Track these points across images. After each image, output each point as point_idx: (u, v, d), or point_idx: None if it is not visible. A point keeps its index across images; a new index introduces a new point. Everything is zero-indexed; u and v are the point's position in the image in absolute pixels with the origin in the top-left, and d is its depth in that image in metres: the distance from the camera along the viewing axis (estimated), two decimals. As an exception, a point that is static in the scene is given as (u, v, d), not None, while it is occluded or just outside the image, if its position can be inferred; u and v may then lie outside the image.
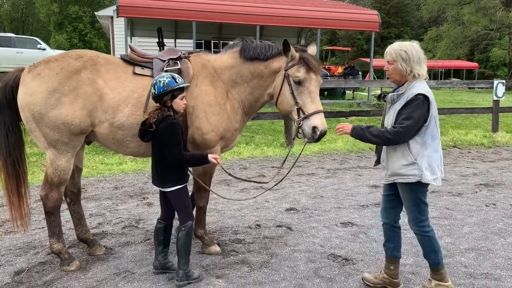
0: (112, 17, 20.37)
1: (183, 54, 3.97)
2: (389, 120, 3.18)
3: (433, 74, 44.39)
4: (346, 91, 19.95)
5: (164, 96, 3.34)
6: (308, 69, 3.53)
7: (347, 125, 3.24)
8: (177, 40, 19.37)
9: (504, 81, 11.39)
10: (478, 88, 30.23)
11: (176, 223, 3.64)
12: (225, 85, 3.85)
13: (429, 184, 3.14)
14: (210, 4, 14.08)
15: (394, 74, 3.16)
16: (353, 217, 5.09)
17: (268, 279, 3.58)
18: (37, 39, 19.32)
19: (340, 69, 25.16)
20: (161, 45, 15.08)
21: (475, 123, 13.06)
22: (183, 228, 3.46)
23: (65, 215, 5.12)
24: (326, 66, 26.37)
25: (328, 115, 11.07)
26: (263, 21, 14.54)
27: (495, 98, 11.19)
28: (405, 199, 3.23)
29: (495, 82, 11.23)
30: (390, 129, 3.05)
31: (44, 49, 18.01)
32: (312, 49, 3.74)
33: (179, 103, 3.41)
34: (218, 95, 3.79)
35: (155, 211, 5.25)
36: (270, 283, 3.51)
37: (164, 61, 3.85)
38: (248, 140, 9.78)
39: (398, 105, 3.10)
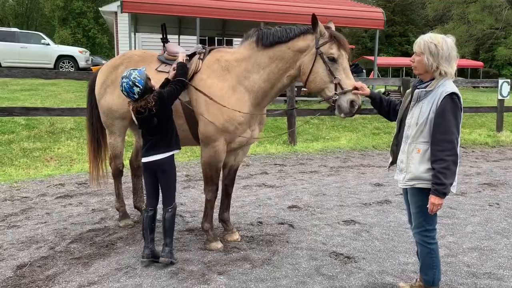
0: (116, 13, 20.33)
1: (203, 50, 4.10)
2: (413, 119, 2.92)
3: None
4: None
5: (148, 84, 3.57)
6: (340, 45, 3.57)
7: (435, 201, 2.82)
8: (181, 37, 19.34)
9: (509, 80, 11.33)
10: (483, 87, 30.09)
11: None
12: (237, 78, 3.85)
13: None
14: (214, 1, 14.04)
15: (419, 68, 2.93)
16: (356, 215, 5.08)
17: (269, 276, 3.57)
18: (41, 34, 19.35)
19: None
20: (164, 41, 15.06)
21: (480, 123, 13.00)
22: (170, 210, 3.74)
23: (68, 210, 5.14)
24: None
25: (332, 112, 11.04)
26: (267, 18, 14.48)
27: (500, 97, 11.13)
28: (414, 204, 3.01)
29: (500, 81, 11.17)
30: (446, 151, 2.76)
31: (48, 44, 18.05)
32: (333, 25, 3.76)
33: (152, 82, 3.68)
34: (223, 88, 3.82)
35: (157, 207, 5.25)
36: (272, 280, 3.51)
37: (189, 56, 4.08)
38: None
39: (426, 104, 2.85)
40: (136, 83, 3.50)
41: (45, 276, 3.52)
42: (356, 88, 3.45)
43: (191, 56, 4.09)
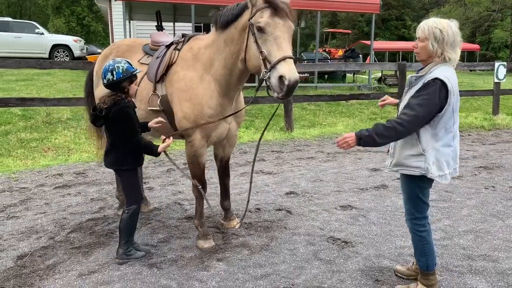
0: (110, 1, 20.10)
1: (181, 40, 3.93)
2: (402, 104, 2.88)
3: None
4: (347, 74, 19.86)
5: (123, 82, 3.37)
6: (273, 12, 3.06)
7: (348, 136, 2.73)
8: (176, 24, 19.19)
9: (505, 63, 11.33)
10: (479, 70, 30.04)
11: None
12: (203, 66, 3.62)
13: (432, 181, 2.88)
14: (209, -13, 13.91)
15: (422, 54, 2.81)
16: (353, 200, 5.12)
17: (268, 262, 3.62)
18: (35, 23, 19.19)
19: (340, 52, 24.97)
20: (159, 29, 14.95)
21: (476, 106, 13.03)
22: (126, 211, 3.56)
23: (67, 200, 5.16)
24: (327, 49, 26.16)
25: (328, 98, 11.04)
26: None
27: (496, 80, 11.13)
28: (404, 191, 3.02)
29: (496, 64, 11.16)
30: (400, 120, 2.69)
31: (42, 34, 17.90)
32: None
33: (133, 88, 3.50)
34: (192, 79, 3.62)
35: (156, 195, 5.29)
36: (270, 266, 3.55)
37: (166, 47, 3.96)
38: (248, 124, 9.77)
39: (414, 90, 2.79)
40: (114, 72, 3.33)
41: (45, 266, 3.55)
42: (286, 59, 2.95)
43: (168, 46, 3.93)
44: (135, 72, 3.42)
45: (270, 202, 5.09)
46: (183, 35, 4.01)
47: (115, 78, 3.33)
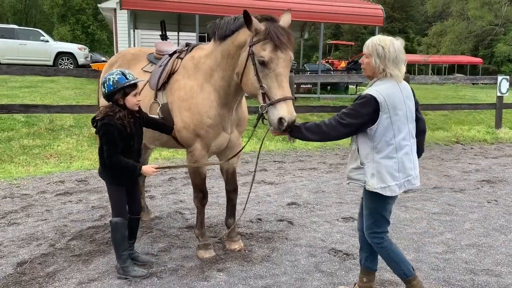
0: (115, 10, 20.27)
1: (184, 49, 3.94)
2: None
3: (437, 69, 44.25)
4: (349, 86, 19.88)
5: (115, 95, 3.26)
6: (275, 47, 3.04)
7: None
8: (180, 33, 19.30)
9: (508, 77, 11.34)
10: (482, 83, 30.01)
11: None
12: (204, 75, 3.61)
13: (391, 197, 2.88)
14: (214, -3, 14.03)
15: (368, 69, 2.89)
16: (355, 212, 5.10)
17: (269, 273, 3.59)
18: (40, 31, 19.34)
19: (343, 64, 25.05)
20: (164, 38, 15.05)
21: (478, 119, 13.01)
22: (109, 224, 3.51)
23: (68, 207, 5.15)
24: (330, 61, 26.25)
25: (331, 109, 11.04)
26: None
27: (499, 94, 11.13)
28: (365, 207, 3.01)
29: (499, 78, 11.17)
30: (328, 121, 2.84)
31: (47, 41, 18.03)
32: (285, 19, 3.22)
33: (131, 100, 3.31)
34: (193, 88, 3.60)
35: (157, 204, 5.27)
36: (271, 277, 3.53)
37: (169, 55, 3.97)
38: (249, 134, 9.76)
39: None
40: (105, 84, 3.27)
41: (45, 273, 3.54)
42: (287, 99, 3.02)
43: (171, 55, 3.95)
44: (127, 84, 3.24)
45: (271, 212, 5.07)
46: (187, 44, 4.02)
47: (106, 91, 3.27)
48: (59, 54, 17.99)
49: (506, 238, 4.40)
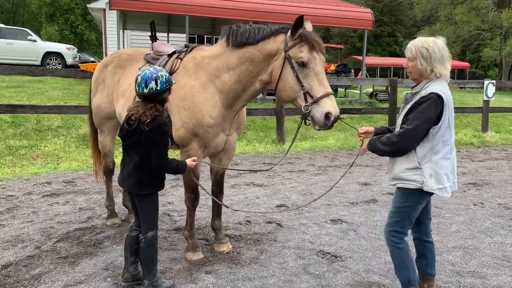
0: (104, 10, 20.16)
1: (183, 49, 3.93)
2: (399, 120, 2.93)
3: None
4: (338, 89, 19.98)
5: (165, 92, 3.07)
6: (311, 47, 3.21)
7: (367, 132, 3.11)
8: (170, 34, 19.26)
9: (494, 81, 11.50)
10: (469, 88, 30.44)
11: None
12: (208, 76, 3.60)
13: (427, 196, 2.90)
14: (203, -1, 14.02)
15: (414, 73, 2.88)
16: (343, 214, 5.12)
17: (257, 275, 3.59)
18: (27, 30, 19.11)
19: (332, 67, 25.13)
20: (153, 39, 14.99)
21: (465, 123, 13.17)
22: (143, 240, 3.15)
23: (55, 208, 5.09)
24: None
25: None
26: (256, 17, 14.49)
27: (485, 98, 11.29)
28: (394, 204, 2.98)
29: (486, 82, 11.33)
30: (396, 132, 2.82)
31: (35, 41, 17.83)
32: (309, 26, 3.37)
33: (170, 99, 3.23)
34: (194, 87, 3.58)
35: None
36: (259, 279, 3.52)
37: (168, 56, 3.96)
38: (240, 136, 9.77)
39: (410, 105, 2.84)
40: (158, 81, 2.98)
41: (31, 276, 3.49)
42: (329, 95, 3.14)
43: (171, 55, 3.94)
44: (174, 81, 3.17)
45: (260, 214, 5.07)
46: (186, 45, 4.02)
47: (158, 88, 2.98)
48: (47, 54, 17.79)
49: (491, 241, 4.45)
